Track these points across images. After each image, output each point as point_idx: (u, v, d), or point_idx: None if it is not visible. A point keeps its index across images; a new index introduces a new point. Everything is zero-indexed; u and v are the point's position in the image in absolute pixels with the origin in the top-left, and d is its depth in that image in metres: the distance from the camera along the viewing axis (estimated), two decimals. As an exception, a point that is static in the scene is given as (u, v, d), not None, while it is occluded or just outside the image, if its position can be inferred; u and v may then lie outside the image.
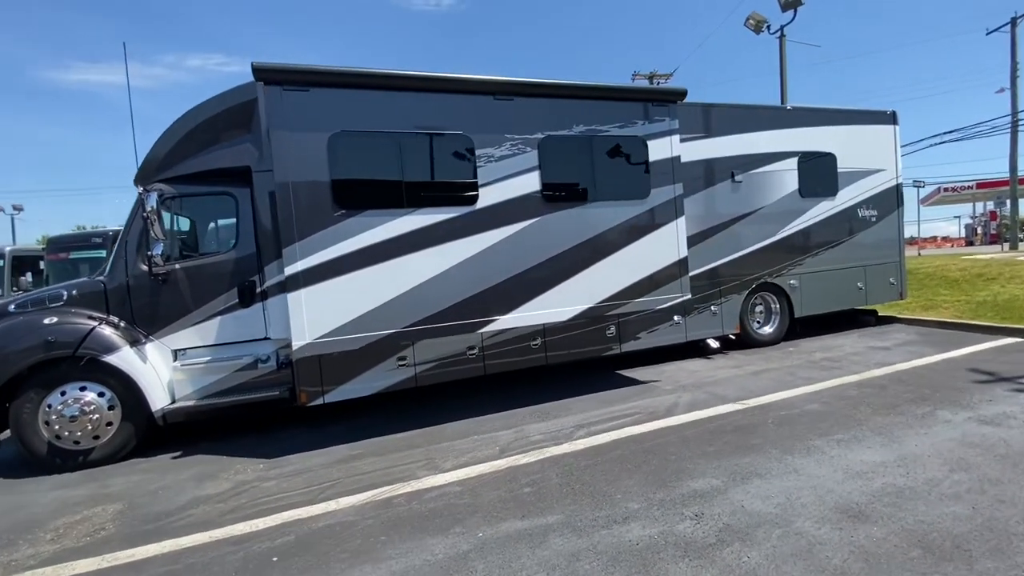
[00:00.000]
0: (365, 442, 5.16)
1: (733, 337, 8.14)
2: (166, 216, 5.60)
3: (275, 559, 3.19)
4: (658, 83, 23.29)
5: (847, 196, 8.79)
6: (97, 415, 5.02)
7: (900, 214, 9.34)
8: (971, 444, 4.08)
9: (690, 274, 7.44)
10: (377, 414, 6.06)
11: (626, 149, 6.11)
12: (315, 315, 4.85)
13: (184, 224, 5.80)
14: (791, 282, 8.38)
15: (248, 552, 3.28)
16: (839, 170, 8.70)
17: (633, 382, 6.69)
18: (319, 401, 5.63)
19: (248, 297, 5.57)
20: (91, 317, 5.13)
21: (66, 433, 4.92)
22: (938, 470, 3.70)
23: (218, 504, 4.03)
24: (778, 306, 8.44)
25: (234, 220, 5.63)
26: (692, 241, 7.50)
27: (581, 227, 5.89)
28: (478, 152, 5.41)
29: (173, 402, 5.34)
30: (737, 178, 7.86)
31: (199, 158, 5.46)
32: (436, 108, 5.27)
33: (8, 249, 15.60)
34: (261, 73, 4.65)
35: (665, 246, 6.28)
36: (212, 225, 5.91)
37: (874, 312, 9.73)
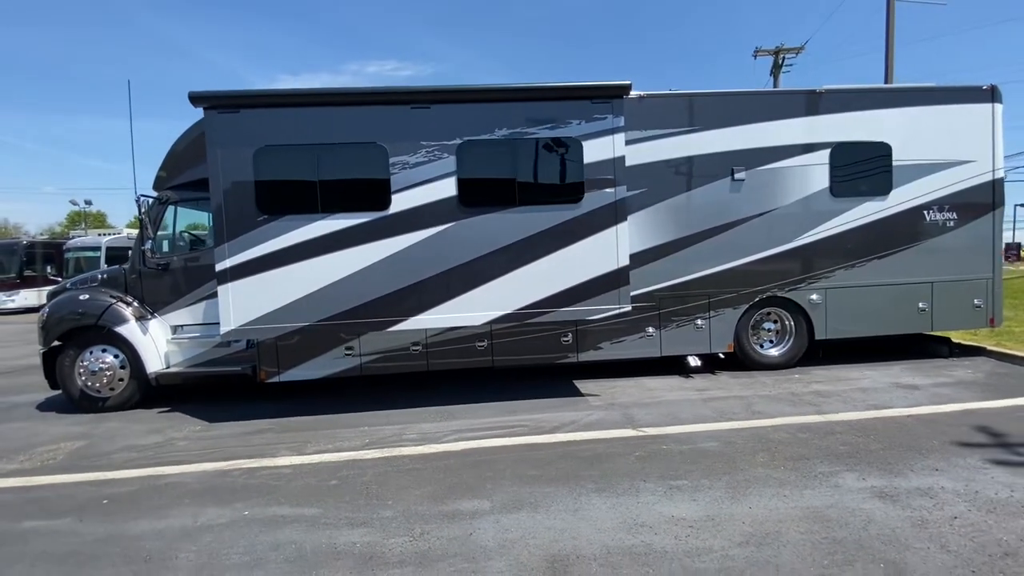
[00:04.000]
0: (284, 419, 5.88)
1: (722, 356, 7.22)
2: (179, 215, 6.93)
3: (105, 502, 4.01)
4: (783, 58, 20.46)
5: (907, 195, 7.11)
6: (111, 372, 6.50)
7: (997, 219, 7.26)
8: (821, 519, 3.32)
9: (670, 283, 6.91)
10: (333, 395, 6.74)
11: (555, 151, 5.85)
12: (239, 306, 5.65)
13: (186, 223, 7.07)
14: (811, 297, 7.11)
15: (99, 493, 4.16)
16: (896, 163, 7.07)
17: (569, 393, 6.43)
18: (276, 379, 6.56)
19: (227, 286, 6.63)
20: (112, 296, 6.62)
21: (91, 383, 6.47)
22: (728, 538, 3.13)
23: (133, 453, 5.05)
24: (793, 325, 7.23)
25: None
26: (670, 248, 6.89)
27: (501, 233, 5.82)
28: (392, 160, 5.69)
29: (167, 368, 6.65)
30: (738, 176, 6.89)
31: (195, 168, 6.60)
32: (351, 121, 5.67)
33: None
34: (198, 101, 5.53)
35: (600, 254, 5.88)
36: (207, 223, 7.09)
37: (948, 340, 7.72)
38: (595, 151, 5.84)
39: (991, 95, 7.14)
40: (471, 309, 5.85)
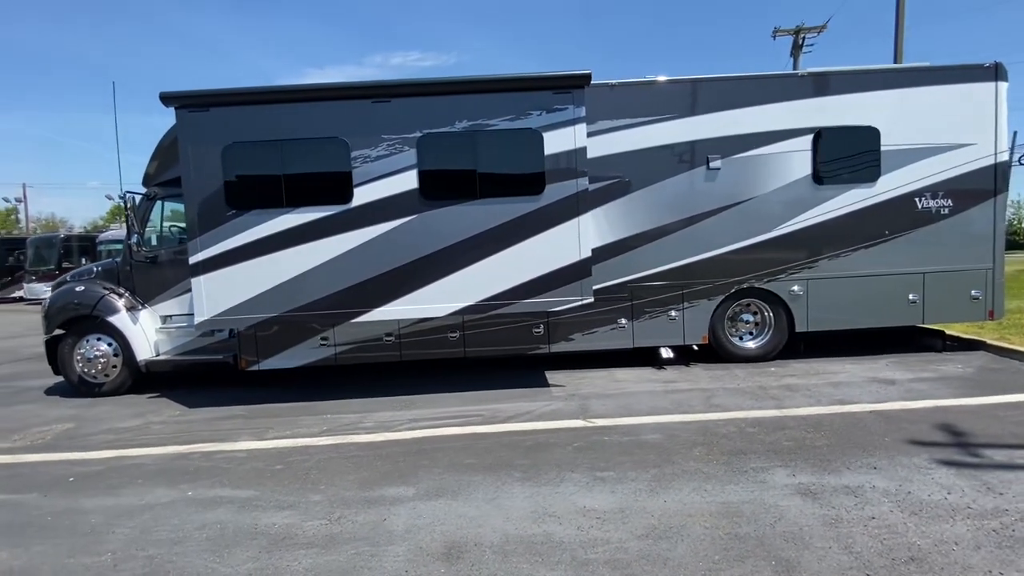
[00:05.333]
0: (257, 406, 6.12)
1: (696, 348, 7.10)
2: (166, 210, 7.25)
3: (71, 479, 4.30)
4: (803, 38, 19.61)
5: (897, 181, 6.79)
6: (105, 359, 6.89)
7: (999, 205, 6.86)
8: (732, 514, 3.29)
9: (642, 274, 6.84)
10: (312, 382, 6.96)
11: (515, 143, 5.83)
12: (211, 297, 5.89)
13: (173, 218, 7.38)
14: (792, 288, 6.90)
15: (68, 471, 4.46)
16: (884, 148, 6.75)
17: (536, 384, 6.46)
18: (255, 368, 6.82)
19: (211, 278, 6.91)
20: (105, 288, 6.99)
21: (87, 370, 6.88)
22: (630, 531, 3.14)
23: (112, 436, 5.38)
24: (772, 316, 7.04)
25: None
26: (642, 239, 6.80)
27: (462, 225, 5.87)
28: (354, 154, 5.80)
29: (157, 356, 7.00)
30: (713, 164, 6.72)
31: (176, 167, 6.88)
32: (315, 116, 5.79)
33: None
34: (169, 100, 5.74)
35: (562, 246, 5.86)
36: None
37: (941, 333, 7.38)
38: (556, 142, 5.80)
39: (994, 73, 6.71)
40: (434, 301, 5.93)
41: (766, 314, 7.08)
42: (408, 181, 5.84)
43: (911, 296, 6.91)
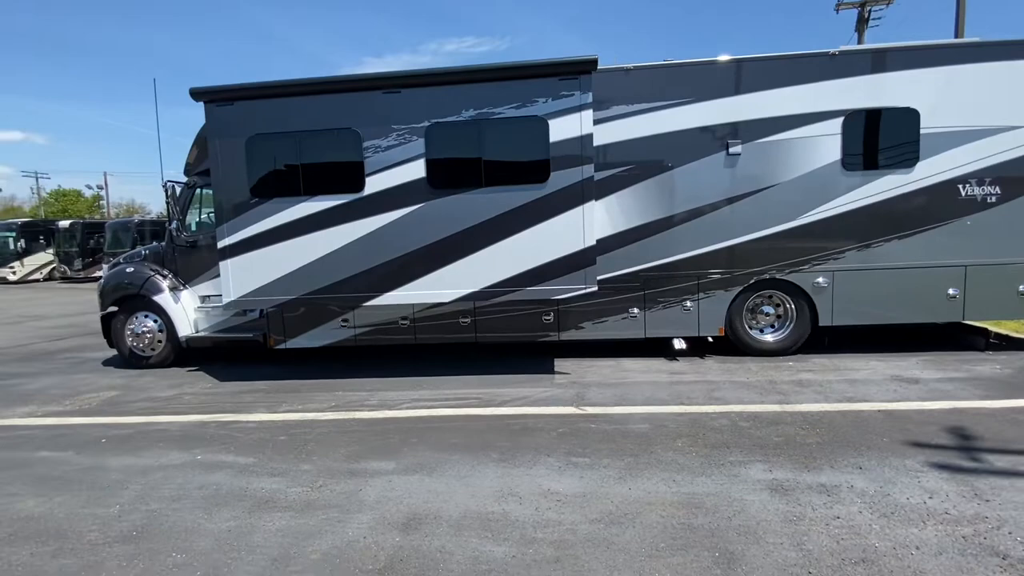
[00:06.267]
0: (280, 382, 6.55)
1: (711, 340, 6.91)
2: (205, 197, 7.80)
3: (103, 440, 4.81)
4: (869, 11, 18.17)
5: (938, 167, 6.30)
6: (151, 335, 7.55)
7: (1055, 192, 6.23)
8: (692, 505, 3.28)
9: (656, 263, 6.73)
10: (337, 361, 7.35)
11: (520, 131, 5.85)
12: (236, 279, 6.32)
13: (210, 205, 7.90)
14: (817, 280, 6.58)
15: (103, 433, 4.99)
16: (924, 131, 6.27)
17: (542, 370, 6.53)
18: (282, 346, 7.29)
19: (243, 261, 7.40)
20: (152, 269, 7.64)
21: (136, 344, 7.58)
22: (584, 515, 3.20)
23: (148, 403, 5.93)
24: (794, 309, 6.75)
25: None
26: (654, 228, 6.67)
27: (468, 213, 5.98)
28: (365, 144, 6.02)
29: (196, 333, 7.60)
30: (733, 149, 6.48)
31: (213, 158, 7.37)
32: (330, 108, 6.05)
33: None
34: (199, 96, 6.15)
35: (566, 234, 5.86)
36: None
37: (984, 331, 6.80)
38: (562, 129, 5.78)
39: (1052, 47, 6.07)
40: (440, 287, 6.11)
41: (788, 306, 6.80)
42: (416, 170, 6.00)
43: (950, 290, 6.42)
